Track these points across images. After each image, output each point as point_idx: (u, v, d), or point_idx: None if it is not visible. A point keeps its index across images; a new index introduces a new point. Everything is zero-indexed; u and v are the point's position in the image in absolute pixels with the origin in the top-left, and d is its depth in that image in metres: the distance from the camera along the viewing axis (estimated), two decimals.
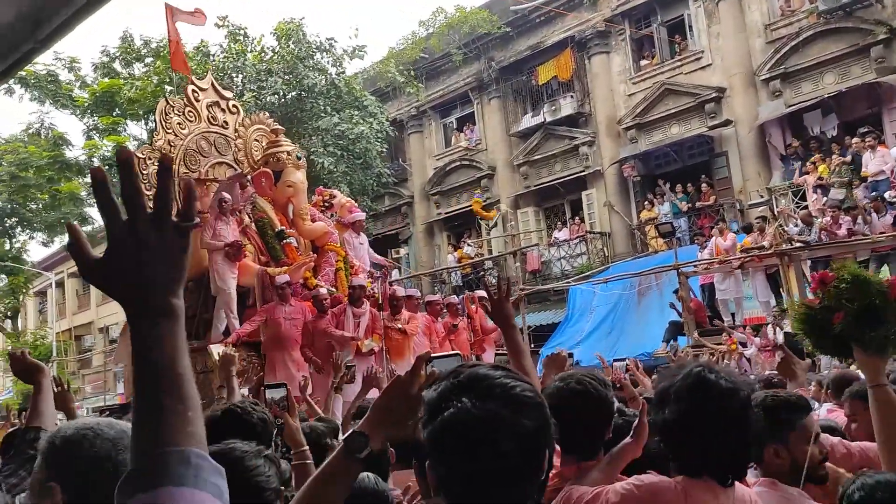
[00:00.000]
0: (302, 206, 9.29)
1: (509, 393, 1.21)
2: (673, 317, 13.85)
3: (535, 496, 1.24)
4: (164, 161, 1.02)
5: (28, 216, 24.66)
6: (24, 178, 22.03)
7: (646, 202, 18.29)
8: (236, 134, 9.64)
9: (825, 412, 3.83)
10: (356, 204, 11.30)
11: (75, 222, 1.07)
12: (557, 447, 2.14)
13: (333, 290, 8.98)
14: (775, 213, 14.12)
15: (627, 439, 2.29)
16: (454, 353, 1.59)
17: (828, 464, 2.41)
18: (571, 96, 20.11)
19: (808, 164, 15.36)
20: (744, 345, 12.03)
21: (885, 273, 11.15)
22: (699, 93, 17.75)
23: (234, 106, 9.82)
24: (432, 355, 1.54)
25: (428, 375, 1.41)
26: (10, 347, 28.61)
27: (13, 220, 25.37)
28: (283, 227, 9.02)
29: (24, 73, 18.20)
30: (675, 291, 13.76)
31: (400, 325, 8.61)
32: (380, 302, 8.87)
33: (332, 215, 10.10)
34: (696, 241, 15.56)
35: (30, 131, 22.02)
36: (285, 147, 9.48)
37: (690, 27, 18.42)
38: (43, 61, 18.95)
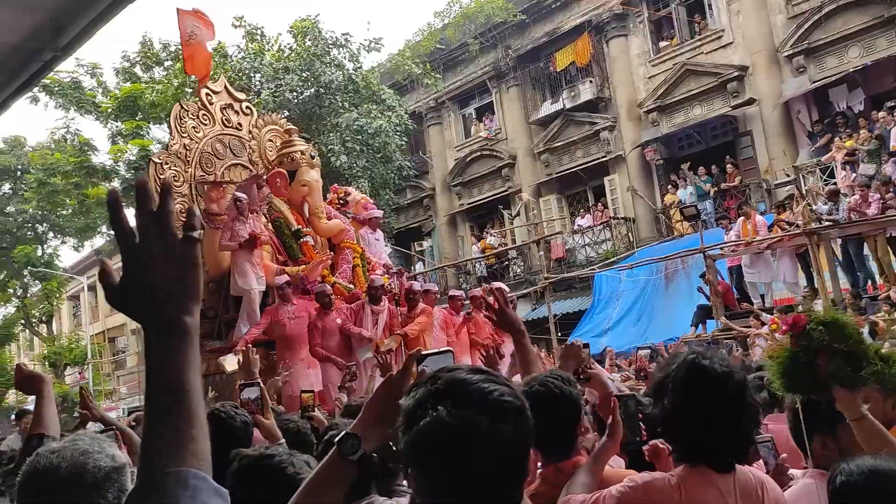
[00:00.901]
0: (317, 204, 9.32)
1: (487, 399, 1.16)
2: (702, 300, 13.74)
3: (518, 501, 1.21)
4: (164, 184, 1.07)
5: (58, 222, 25.12)
6: (52, 184, 22.40)
7: (669, 186, 18.11)
8: (250, 135, 9.69)
9: None
10: (371, 200, 11.30)
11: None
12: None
13: (351, 286, 9.00)
14: (803, 191, 13.91)
15: (604, 438, 2.32)
16: (446, 349, 1.56)
17: None
18: (590, 81, 19.95)
19: (835, 140, 15.10)
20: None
21: None
22: (721, 72, 17.51)
23: (247, 108, 9.87)
24: (423, 353, 1.51)
25: (419, 374, 1.38)
26: (45, 351, 29.20)
27: (44, 226, 25.85)
28: (300, 226, 9.05)
29: (47, 81, 18.46)
30: (703, 275, 13.64)
31: (399, 331, 8.51)
32: (396, 298, 8.86)
33: (347, 213, 10.12)
34: (721, 223, 15.38)
35: (56, 138, 22.35)
36: (299, 146, 9.52)
37: (710, 6, 18.14)
38: (66, 69, 19.23)
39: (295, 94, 19.26)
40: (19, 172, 26.33)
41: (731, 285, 14.31)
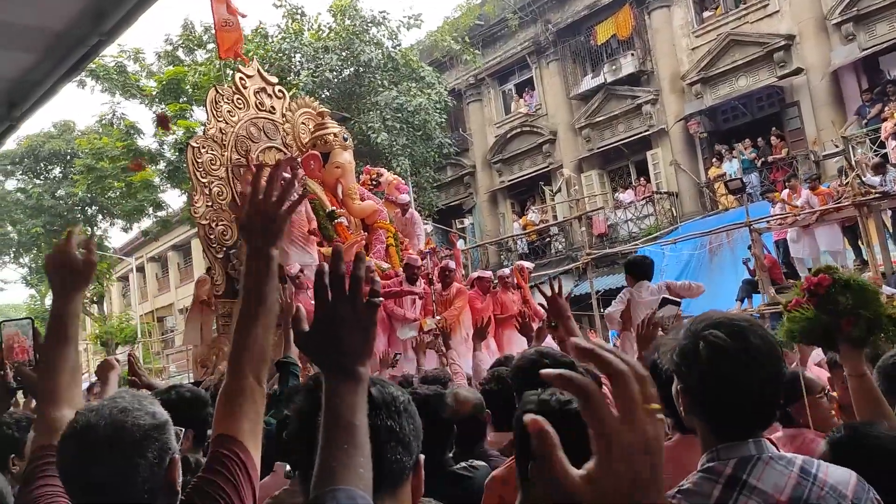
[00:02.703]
0: (351, 185, 9.37)
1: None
2: (747, 275, 13.50)
3: None
4: (358, 254, 1.24)
5: (107, 205, 25.70)
6: (100, 168, 22.95)
7: (714, 159, 17.77)
8: (284, 118, 9.77)
9: None
10: (403, 181, 11.32)
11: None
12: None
13: (387, 265, 9.09)
14: (852, 162, 13.52)
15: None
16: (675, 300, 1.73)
17: None
18: (632, 54, 19.61)
19: (886, 109, 14.62)
20: None
21: None
22: (767, 41, 17.04)
23: (279, 91, 9.95)
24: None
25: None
26: (96, 331, 30.08)
27: (93, 208, 26.50)
28: (334, 208, 9.12)
29: (93, 66, 18.83)
30: (749, 248, 13.39)
31: (440, 315, 8.60)
32: (430, 277, 8.92)
33: (379, 193, 10.19)
34: (767, 196, 15.06)
35: (103, 122, 22.85)
36: (332, 129, 9.55)
37: None
38: (110, 53, 19.60)
39: (334, 73, 19.32)
40: (69, 157, 27.01)
41: (777, 259, 14.03)
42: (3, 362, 2.11)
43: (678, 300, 6.29)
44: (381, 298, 1.26)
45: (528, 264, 11.76)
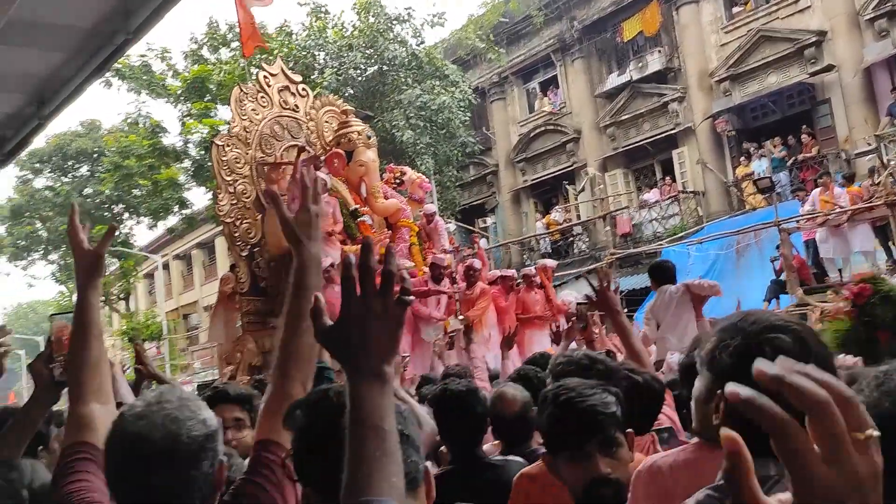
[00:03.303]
0: (374, 184, 9.37)
1: None
2: (774, 275, 13.30)
3: None
4: (389, 248, 1.17)
5: (133, 202, 25.99)
6: (126, 166, 23.20)
7: (742, 157, 17.52)
8: (307, 117, 9.78)
9: None
10: (427, 179, 11.31)
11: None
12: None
13: (410, 264, 9.08)
14: (885, 161, 13.25)
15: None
16: None
17: None
18: (659, 51, 19.40)
19: None
20: None
21: None
22: (798, 38, 16.76)
23: (303, 89, 9.95)
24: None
25: None
26: (123, 327, 30.44)
27: (120, 206, 26.81)
28: (357, 206, 9.13)
29: (119, 66, 19.01)
30: (777, 248, 13.19)
31: (463, 315, 8.57)
32: (454, 277, 8.90)
33: (403, 192, 10.18)
34: (796, 195, 14.81)
35: (129, 121, 23.08)
36: (355, 127, 9.55)
37: None
38: (136, 53, 19.77)
39: (358, 71, 19.34)
40: (96, 155, 27.34)
41: (806, 259, 13.80)
42: (52, 356, 2.10)
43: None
44: (413, 297, 1.18)
45: (551, 262, 11.68)
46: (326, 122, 9.91)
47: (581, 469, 1.92)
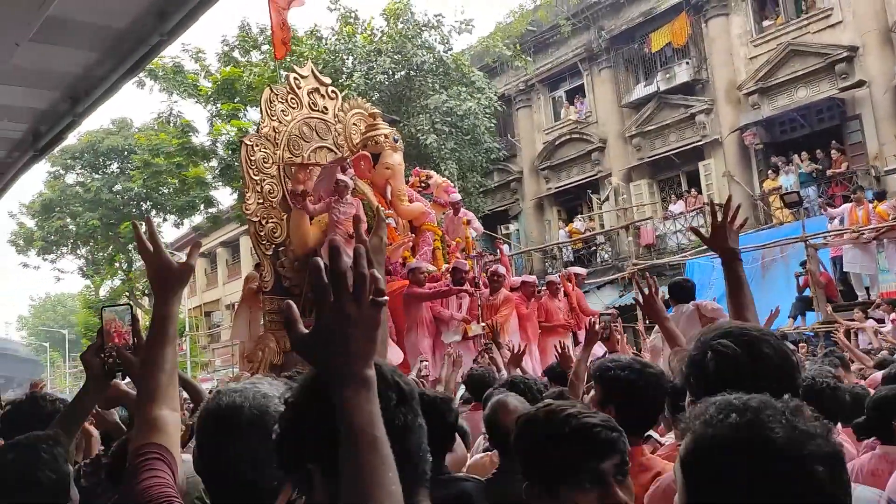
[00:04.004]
0: (400, 187, 9.44)
1: None
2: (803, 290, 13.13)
3: None
4: (358, 250, 1.16)
5: (160, 200, 26.33)
6: (155, 164, 23.51)
7: (769, 171, 17.36)
8: (336, 119, 9.87)
9: None
10: (451, 184, 11.34)
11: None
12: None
13: (433, 268, 9.10)
14: None
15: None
16: None
17: None
18: (687, 63, 19.29)
19: None
20: (880, 321, 11.25)
21: None
22: (829, 52, 16.59)
23: (332, 92, 10.05)
24: None
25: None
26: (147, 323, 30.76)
27: (148, 203, 27.16)
28: (383, 208, 9.19)
29: (152, 66, 19.28)
30: (803, 264, 13.03)
31: (486, 322, 8.55)
32: (477, 282, 8.90)
33: (428, 196, 10.23)
34: (824, 211, 14.63)
35: (160, 120, 23.39)
36: (382, 130, 9.63)
37: None
38: (169, 54, 20.06)
39: (386, 76, 19.44)
40: (126, 153, 27.73)
41: (832, 276, 13.63)
42: (103, 346, 2.14)
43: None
44: (387, 298, 1.17)
45: (580, 270, 11.64)
46: (354, 124, 10.00)
47: (595, 495, 1.71)
